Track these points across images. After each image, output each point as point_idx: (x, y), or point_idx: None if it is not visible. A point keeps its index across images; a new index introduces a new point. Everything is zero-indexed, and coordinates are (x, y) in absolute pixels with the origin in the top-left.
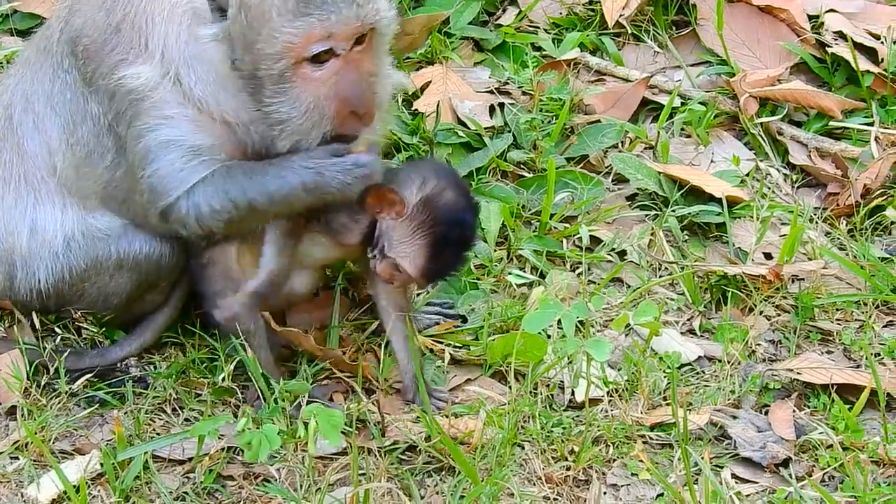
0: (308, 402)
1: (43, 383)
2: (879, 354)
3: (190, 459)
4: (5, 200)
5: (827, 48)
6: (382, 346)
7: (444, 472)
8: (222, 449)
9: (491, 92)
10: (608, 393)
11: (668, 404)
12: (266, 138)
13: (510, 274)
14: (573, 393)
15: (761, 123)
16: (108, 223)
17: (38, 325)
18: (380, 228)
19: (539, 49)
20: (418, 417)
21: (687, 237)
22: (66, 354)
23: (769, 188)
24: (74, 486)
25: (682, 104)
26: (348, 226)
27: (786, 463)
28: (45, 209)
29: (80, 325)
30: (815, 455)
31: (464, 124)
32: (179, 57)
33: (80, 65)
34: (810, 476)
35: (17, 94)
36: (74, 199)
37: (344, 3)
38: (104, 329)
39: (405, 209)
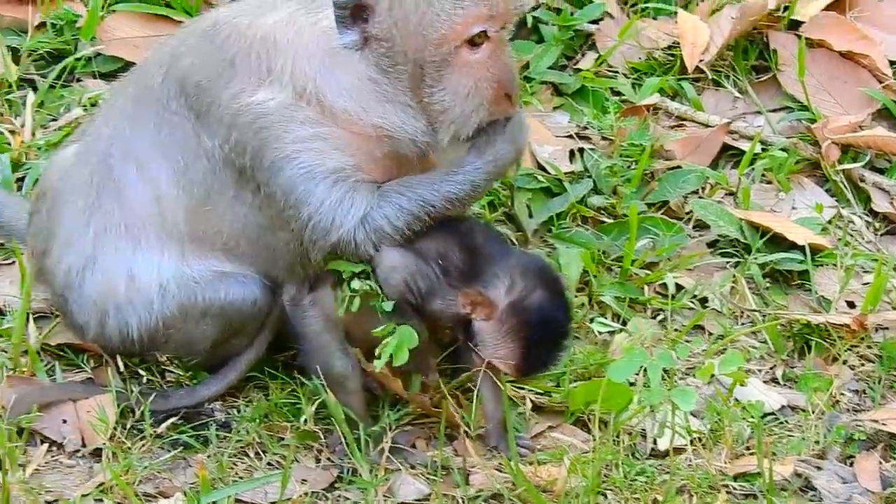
0: (391, 449)
1: (128, 426)
2: None
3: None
4: (105, 249)
5: None
6: (474, 392)
7: None
8: (305, 494)
9: (570, 137)
10: (691, 442)
11: (751, 454)
12: (421, 136)
13: (593, 321)
14: (655, 441)
15: (843, 170)
16: (201, 271)
17: (122, 367)
18: (473, 327)
19: (618, 94)
20: (502, 464)
21: (769, 285)
22: (152, 396)
23: (852, 236)
24: None
25: (763, 150)
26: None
27: None
28: (144, 258)
29: (165, 367)
30: None
31: (544, 169)
32: (316, 74)
33: (193, 101)
34: None
35: (116, 145)
36: (176, 247)
37: None
38: (189, 372)
39: (494, 312)
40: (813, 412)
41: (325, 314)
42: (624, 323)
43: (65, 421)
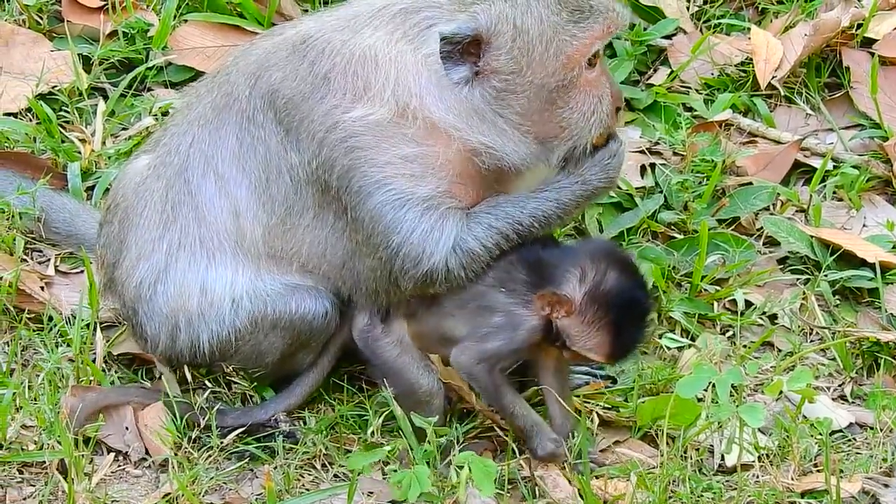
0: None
1: (193, 437)
2: None
3: None
4: (179, 262)
5: None
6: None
7: None
8: None
9: (642, 152)
10: (759, 458)
11: (819, 471)
12: (522, 158)
13: (663, 337)
14: (723, 457)
15: None
16: (273, 286)
17: (189, 378)
18: (556, 325)
19: (690, 109)
20: (569, 478)
21: (838, 302)
22: (212, 410)
23: None
24: None
25: (835, 167)
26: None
27: None
28: (218, 272)
29: (231, 378)
30: None
31: None
32: (422, 90)
33: (283, 116)
34: None
35: (194, 156)
36: (251, 262)
37: (608, 2)
38: (255, 384)
39: (573, 307)
40: (881, 430)
41: (398, 339)
42: (693, 339)
43: (128, 428)
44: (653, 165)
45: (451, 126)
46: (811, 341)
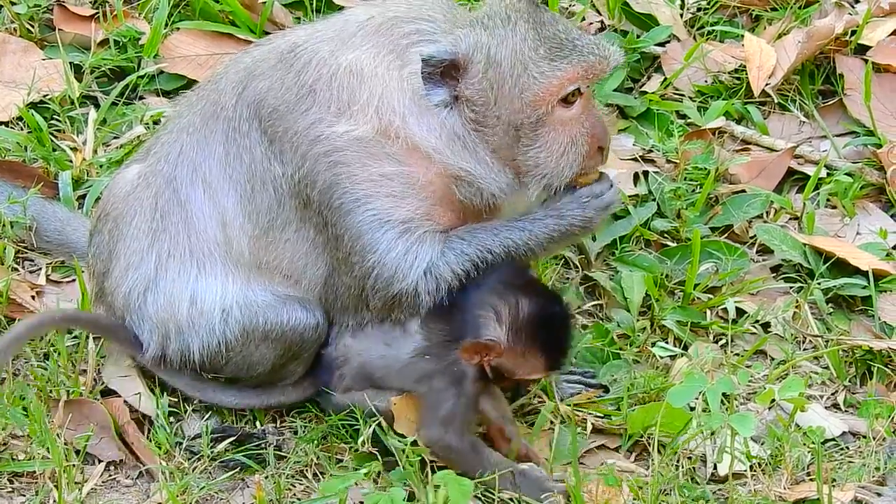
0: None
1: (184, 446)
2: None
3: None
4: (168, 272)
5: None
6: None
7: None
8: None
9: (635, 160)
10: (751, 467)
11: (811, 480)
12: (500, 188)
13: (654, 345)
14: (715, 466)
15: None
16: (265, 297)
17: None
18: (493, 364)
19: (684, 117)
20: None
21: (832, 310)
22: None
23: None
24: None
25: (828, 175)
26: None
27: None
28: (208, 282)
29: None
30: None
31: None
32: (405, 111)
33: (267, 126)
34: None
35: (183, 166)
36: (240, 273)
37: (596, 44)
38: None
39: (501, 346)
40: (874, 438)
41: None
42: (685, 347)
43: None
44: (646, 173)
45: (433, 148)
46: (804, 350)
